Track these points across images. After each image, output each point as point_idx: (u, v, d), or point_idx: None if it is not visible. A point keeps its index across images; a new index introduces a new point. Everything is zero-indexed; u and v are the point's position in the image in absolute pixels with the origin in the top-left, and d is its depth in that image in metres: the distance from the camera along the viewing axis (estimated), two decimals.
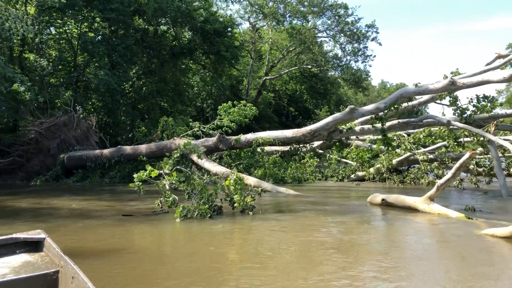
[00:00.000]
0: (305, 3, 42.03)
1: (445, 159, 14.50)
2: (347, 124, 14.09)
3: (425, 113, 14.75)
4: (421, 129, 15.10)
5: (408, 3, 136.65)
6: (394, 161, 15.23)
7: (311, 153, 17.71)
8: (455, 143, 13.21)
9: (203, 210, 8.12)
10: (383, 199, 9.38)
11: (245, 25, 46.50)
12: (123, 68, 25.63)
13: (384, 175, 15.57)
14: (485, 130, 11.42)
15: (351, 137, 15.56)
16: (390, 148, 13.52)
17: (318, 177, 16.96)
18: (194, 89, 39.53)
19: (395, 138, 17.45)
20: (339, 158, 18.46)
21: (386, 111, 12.93)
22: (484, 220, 7.46)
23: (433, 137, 15.71)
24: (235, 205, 8.44)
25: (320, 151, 19.10)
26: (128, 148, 17.49)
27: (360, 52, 45.13)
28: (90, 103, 25.48)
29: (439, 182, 8.15)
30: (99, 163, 16.95)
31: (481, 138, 11.61)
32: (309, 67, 44.99)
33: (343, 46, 45.66)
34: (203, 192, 8.75)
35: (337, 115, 13.87)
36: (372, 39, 44.31)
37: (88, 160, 17.09)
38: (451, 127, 12.67)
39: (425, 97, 13.61)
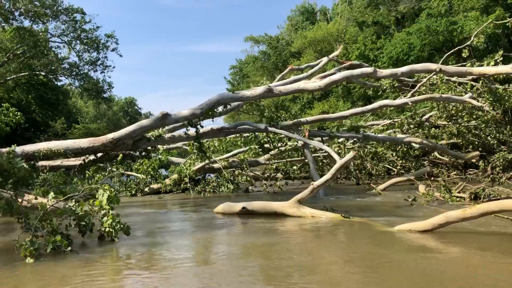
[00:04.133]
0: (36, 2, 37.33)
1: (243, 165, 14.87)
2: (156, 132, 12.87)
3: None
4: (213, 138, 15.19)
5: (133, 22, 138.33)
6: (193, 169, 14.80)
7: (95, 166, 15.52)
8: (260, 149, 13.67)
9: (59, 243, 5.88)
10: (243, 207, 8.79)
11: None
12: None
13: (183, 185, 14.97)
14: (302, 135, 12.19)
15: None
16: (204, 156, 13.00)
17: None
18: None
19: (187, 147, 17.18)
20: (123, 172, 16.86)
21: (202, 117, 12.35)
22: (362, 219, 7.77)
23: (227, 144, 16.03)
24: (107, 230, 6.41)
25: (101, 164, 16.97)
26: None
27: (99, 62, 42.94)
28: None
29: (315, 183, 8.14)
30: None
31: (296, 142, 12.38)
32: (43, 73, 40.08)
33: (80, 54, 42.57)
34: (46, 219, 6.37)
35: (146, 121, 12.47)
36: (113, 50, 42.83)
37: None
38: (262, 133, 13.02)
39: (232, 104, 13.65)
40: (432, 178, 12.75)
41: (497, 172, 13.04)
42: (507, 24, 16.33)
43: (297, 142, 13.05)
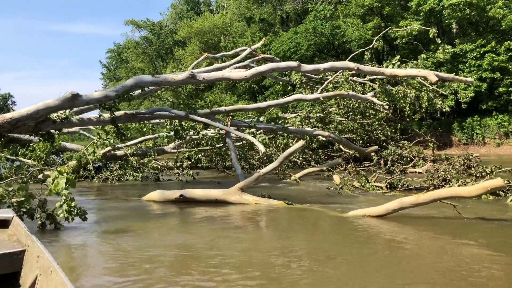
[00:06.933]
0: None
1: (151, 153, 14.33)
2: (62, 113, 11.74)
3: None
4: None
5: None
6: (99, 154, 13.86)
7: None
8: (176, 136, 13.26)
9: None
10: (181, 195, 8.49)
11: None
12: None
13: (83, 173, 13.96)
14: (224, 124, 12.08)
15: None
16: (123, 138, 12.29)
17: None
18: None
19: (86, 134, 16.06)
20: (8, 156, 15.06)
21: (117, 100, 11.59)
22: (305, 205, 8.03)
23: (131, 131, 15.26)
24: (62, 215, 5.72)
25: None
26: None
27: None
28: None
29: (262, 171, 8.20)
30: None
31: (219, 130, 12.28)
32: None
33: None
34: None
35: (52, 101, 11.19)
36: None
37: None
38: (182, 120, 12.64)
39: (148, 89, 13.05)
40: (340, 169, 13.66)
41: (390, 164, 14.36)
42: (405, 31, 18.19)
43: (218, 131, 12.97)
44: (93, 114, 13.35)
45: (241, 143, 14.17)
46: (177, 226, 6.65)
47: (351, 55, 16.15)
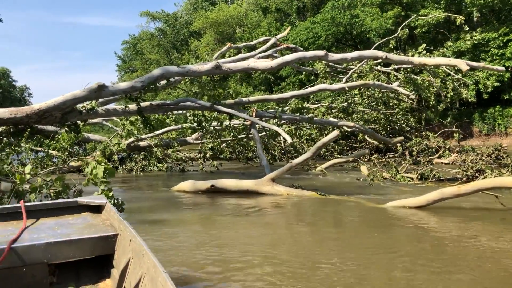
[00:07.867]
0: None
1: (174, 144, 14.35)
2: (88, 104, 11.76)
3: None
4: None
5: None
6: (123, 145, 13.90)
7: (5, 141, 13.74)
8: (199, 127, 13.25)
9: None
10: (212, 185, 8.46)
11: None
12: None
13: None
14: (249, 114, 12.01)
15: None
16: (151, 129, 12.34)
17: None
18: None
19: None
20: (32, 147, 15.18)
21: (143, 90, 11.57)
22: (338, 196, 7.93)
23: (153, 123, 15.26)
24: None
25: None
26: None
27: None
28: None
29: (294, 161, 8.11)
30: None
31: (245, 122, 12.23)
32: None
33: None
34: (22, 194, 5.52)
35: (79, 92, 11.22)
36: None
37: None
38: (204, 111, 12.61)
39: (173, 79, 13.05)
40: (364, 160, 13.52)
41: (416, 155, 14.13)
42: (431, 18, 18.03)
43: (243, 121, 12.92)
44: (111, 105, 13.51)
45: (263, 133, 14.08)
46: (220, 219, 6.55)
47: (375, 45, 15.87)
